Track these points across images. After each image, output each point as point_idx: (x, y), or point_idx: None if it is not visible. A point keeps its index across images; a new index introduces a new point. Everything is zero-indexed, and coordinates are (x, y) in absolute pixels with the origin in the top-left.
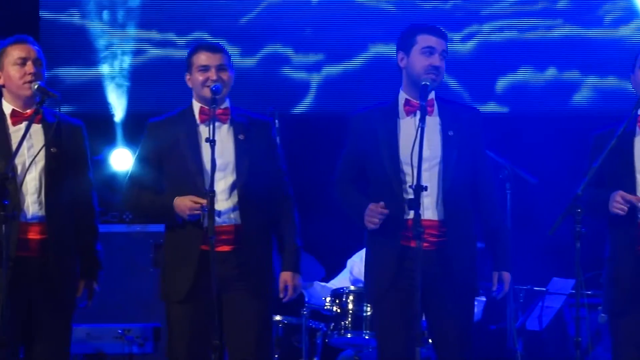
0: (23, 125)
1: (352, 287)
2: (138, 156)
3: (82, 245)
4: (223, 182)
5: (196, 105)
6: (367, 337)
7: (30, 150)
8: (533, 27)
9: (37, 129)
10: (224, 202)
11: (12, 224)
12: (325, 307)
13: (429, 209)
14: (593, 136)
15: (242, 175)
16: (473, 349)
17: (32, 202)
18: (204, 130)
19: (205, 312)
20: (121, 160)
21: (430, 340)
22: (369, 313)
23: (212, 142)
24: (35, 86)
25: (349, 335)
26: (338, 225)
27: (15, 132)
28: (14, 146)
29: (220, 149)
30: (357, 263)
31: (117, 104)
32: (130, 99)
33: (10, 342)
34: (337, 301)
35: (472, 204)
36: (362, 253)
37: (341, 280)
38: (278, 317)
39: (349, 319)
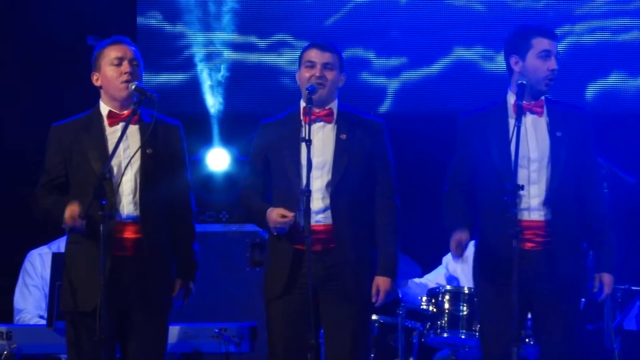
0: (120, 126)
1: (448, 287)
2: (250, 156)
3: (179, 245)
4: (319, 181)
5: (302, 105)
6: (463, 337)
7: (127, 152)
8: (627, 29)
9: (133, 130)
10: (319, 201)
11: (110, 224)
12: (421, 307)
13: (536, 210)
14: None
15: (337, 175)
16: (578, 349)
17: (127, 202)
18: (304, 130)
19: (300, 310)
20: (217, 160)
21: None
22: (465, 313)
23: (307, 142)
24: (133, 86)
25: (445, 335)
26: (433, 223)
27: (112, 133)
28: (111, 147)
29: (320, 148)
30: (452, 261)
31: (214, 104)
32: (226, 99)
33: (108, 340)
34: (433, 300)
35: (579, 205)
36: None
37: (436, 276)
38: (374, 317)
39: (445, 319)
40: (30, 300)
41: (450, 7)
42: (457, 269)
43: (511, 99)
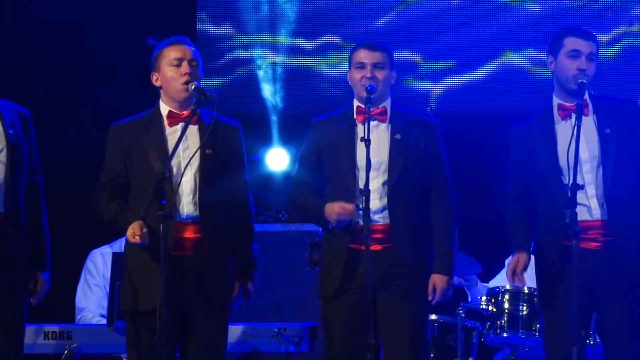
0: (179, 126)
1: (507, 287)
2: (300, 154)
3: (238, 245)
4: (376, 182)
5: (355, 104)
6: (522, 337)
7: (186, 152)
8: None
9: (193, 130)
10: (376, 201)
11: (169, 223)
12: (481, 306)
13: (596, 210)
14: None
15: (393, 175)
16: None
17: (187, 202)
18: (360, 130)
19: (357, 310)
20: (277, 160)
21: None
22: (524, 312)
23: (367, 141)
24: (192, 87)
25: (505, 335)
26: (496, 223)
27: (172, 133)
28: (171, 147)
29: (375, 148)
30: None
31: (273, 103)
32: (286, 99)
33: (169, 340)
34: (493, 300)
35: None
36: None
37: (500, 280)
38: (433, 316)
39: (505, 318)
40: (92, 299)
41: (505, 7)
42: None
43: (555, 102)
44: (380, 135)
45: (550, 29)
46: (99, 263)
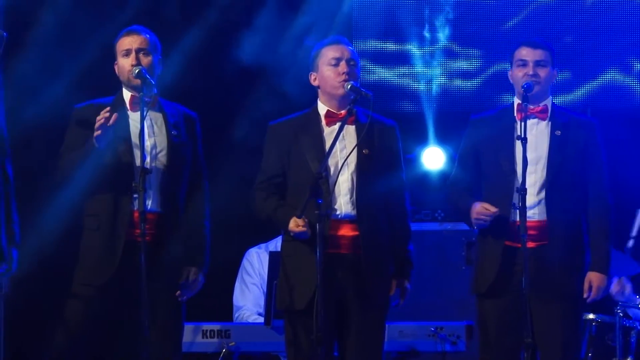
0: (337, 126)
1: None
2: (459, 153)
3: (394, 245)
4: (533, 177)
5: (516, 102)
6: None
7: (343, 152)
8: None
9: (350, 130)
10: (532, 196)
11: (325, 222)
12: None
13: None
14: None
15: (551, 171)
16: None
17: (344, 202)
18: (519, 127)
19: (511, 309)
20: (433, 158)
21: None
22: None
23: (523, 140)
24: (349, 86)
25: None
26: None
27: (330, 133)
28: (327, 147)
29: (534, 144)
30: None
31: (429, 102)
32: (441, 98)
33: (325, 338)
34: None
35: None
36: None
37: None
38: (591, 316)
39: None
40: (250, 298)
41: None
42: None
43: None
44: (539, 133)
45: None
46: (255, 262)
